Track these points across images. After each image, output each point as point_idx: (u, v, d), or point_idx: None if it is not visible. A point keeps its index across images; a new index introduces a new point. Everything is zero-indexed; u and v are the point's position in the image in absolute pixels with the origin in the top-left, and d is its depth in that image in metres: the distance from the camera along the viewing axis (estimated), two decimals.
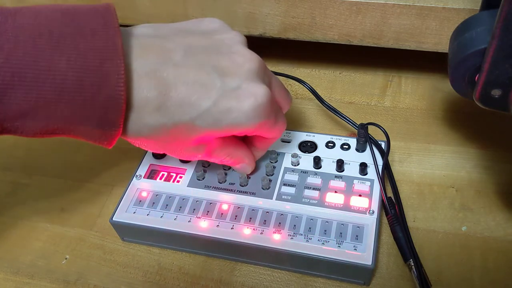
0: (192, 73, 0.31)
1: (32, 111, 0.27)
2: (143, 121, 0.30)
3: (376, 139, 0.41)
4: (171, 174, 0.41)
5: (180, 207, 0.38)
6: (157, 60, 0.30)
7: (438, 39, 0.43)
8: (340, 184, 0.38)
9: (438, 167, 0.43)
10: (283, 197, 0.38)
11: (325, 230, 0.36)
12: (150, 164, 0.41)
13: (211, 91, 0.31)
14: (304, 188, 0.38)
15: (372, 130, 0.41)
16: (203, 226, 0.37)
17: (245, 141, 0.39)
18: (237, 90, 0.31)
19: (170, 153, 0.35)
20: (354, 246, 0.35)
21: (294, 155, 0.40)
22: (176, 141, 0.32)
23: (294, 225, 0.36)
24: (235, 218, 0.37)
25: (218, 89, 0.31)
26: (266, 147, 0.39)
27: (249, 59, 0.33)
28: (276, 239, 0.35)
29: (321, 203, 0.37)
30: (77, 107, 0.27)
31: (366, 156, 0.40)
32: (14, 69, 0.25)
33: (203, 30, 0.34)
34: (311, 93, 0.47)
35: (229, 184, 0.39)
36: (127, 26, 0.51)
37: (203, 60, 0.32)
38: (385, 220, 0.38)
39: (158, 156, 0.42)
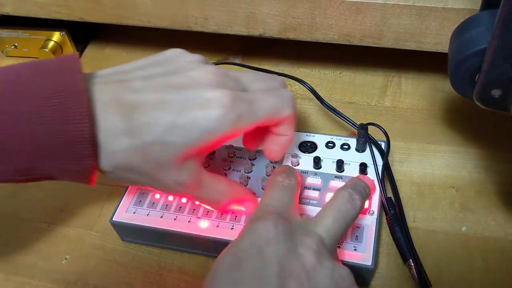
0: (151, 95, 0.31)
1: None
2: (114, 147, 0.30)
3: (376, 139, 0.41)
4: None
5: (180, 207, 0.38)
6: (116, 90, 0.31)
7: (438, 39, 0.43)
8: (340, 184, 0.38)
9: (438, 167, 0.43)
10: None
11: None
12: None
13: (172, 106, 0.31)
14: (304, 188, 0.38)
15: (372, 130, 0.41)
16: (203, 226, 0.37)
17: (267, 134, 0.37)
18: (197, 100, 0.31)
19: (155, 185, 0.33)
20: (354, 247, 0.35)
21: (294, 155, 0.40)
22: (155, 165, 0.31)
23: None
24: (235, 218, 0.37)
25: (177, 102, 0.31)
26: (286, 129, 0.36)
27: (205, 71, 0.33)
28: None
29: (321, 203, 0.37)
30: (44, 147, 0.28)
31: (366, 156, 0.40)
32: None
33: (163, 60, 0.34)
34: (311, 93, 0.47)
35: None
36: (128, 26, 0.51)
37: (161, 83, 0.32)
38: (385, 220, 0.38)
39: None
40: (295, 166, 0.40)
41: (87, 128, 0.28)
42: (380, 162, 0.40)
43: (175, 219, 0.38)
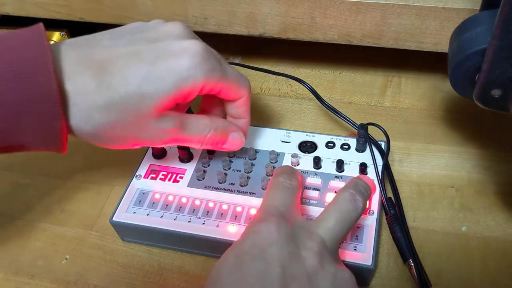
0: (123, 49, 0.31)
1: None
2: (89, 104, 0.30)
3: (376, 139, 0.41)
4: (171, 174, 0.41)
5: (180, 207, 0.38)
6: (86, 49, 0.31)
7: (438, 39, 0.43)
8: (340, 184, 0.38)
9: (438, 167, 0.43)
10: None
11: None
12: (150, 164, 0.41)
13: (146, 56, 0.31)
14: (304, 188, 0.38)
15: (372, 130, 0.41)
16: (203, 226, 0.37)
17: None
18: (170, 49, 0.32)
19: (137, 139, 0.33)
20: (354, 247, 0.35)
21: (294, 155, 0.40)
22: (134, 118, 0.31)
23: None
24: (235, 218, 0.37)
25: (152, 53, 0.31)
26: (244, 112, 0.38)
27: (174, 26, 0.34)
28: None
29: (321, 203, 0.37)
30: (11, 107, 0.28)
31: (366, 156, 0.40)
32: None
33: (127, 27, 0.35)
34: (311, 93, 0.47)
35: (229, 184, 0.39)
36: None
37: (131, 38, 0.32)
38: (385, 220, 0.38)
39: (158, 156, 0.42)
40: (295, 166, 0.40)
41: (52, 83, 0.28)
42: (380, 162, 0.40)
43: (175, 219, 0.38)
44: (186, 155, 0.41)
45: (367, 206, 0.37)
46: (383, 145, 0.41)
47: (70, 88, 0.29)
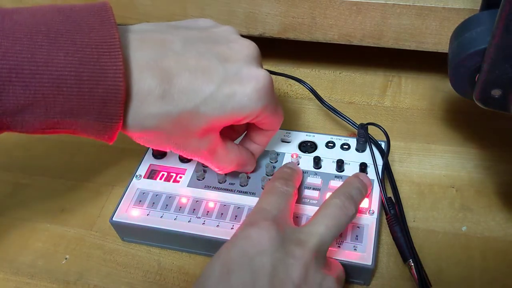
0: (193, 60, 0.31)
1: (30, 106, 0.27)
2: (147, 111, 0.30)
3: (376, 139, 0.41)
4: (171, 174, 0.41)
5: (180, 207, 0.38)
6: (156, 51, 0.30)
7: (438, 39, 0.43)
8: (340, 184, 0.38)
9: (438, 167, 0.43)
10: None
11: None
12: (150, 164, 0.41)
13: (213, 76, 0.31)
14: (304, 188, 0.38)
15: (372, 130, 0.41)
16: (203, 226, 0.37)
17: (244, 139, 0.39)
18: (239, 75, 0.32)
19: (172, 148, 0.34)
20: (354, 246, 0.35)
21: (294, 155, 0.40)
22: (181, 132, 0.32)
23: None
24: (235, 218, 0.37)
25: (220, 74, 0.31)
26: (265, 142, 0.39)
27: (247, 46, 0.33)
28: None
29: (321, 203, 0.37)
30: (76, 101, 0.27)
31: (366, 156, 0.40)
32: (11, 65, 0.25)
33: (199, 26, 0.35)
34: (311, 93, 0.47)
35: (229, 184, 0.39)
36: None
37: (203, 49, 0.32)
38: (385, 220, 0.38)
39: (158, 156, 0.42)
40: None
41: (121, 88, 0.28)
42: (380, 162, 0.40)
43: (175, 219, 0.38)
44: None
45: (367, 206, 0.37)
46: (383, 145, 0.41)
47: (134, 91, 0.29)
